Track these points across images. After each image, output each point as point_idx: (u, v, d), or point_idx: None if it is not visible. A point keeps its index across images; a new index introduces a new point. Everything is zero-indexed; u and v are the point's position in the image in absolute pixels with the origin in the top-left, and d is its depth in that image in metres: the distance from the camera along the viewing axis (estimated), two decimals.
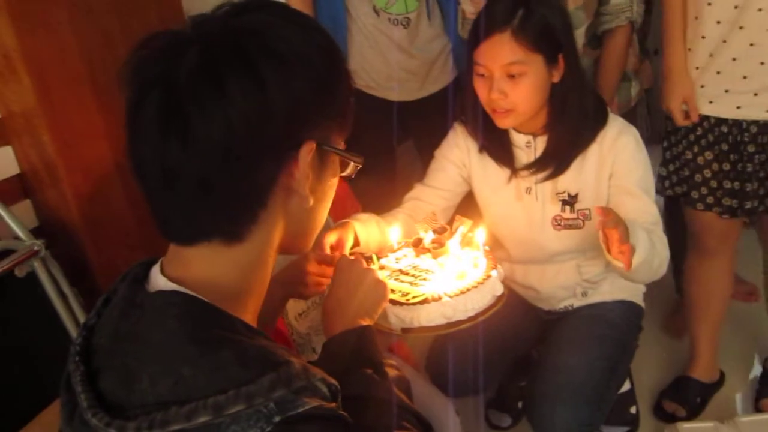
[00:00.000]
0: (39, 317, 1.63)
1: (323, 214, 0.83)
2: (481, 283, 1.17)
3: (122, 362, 0.69)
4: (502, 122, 1.49)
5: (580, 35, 1.80)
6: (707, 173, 1.76)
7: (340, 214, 1.62)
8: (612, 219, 1.24)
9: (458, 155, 1.65)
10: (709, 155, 1.74)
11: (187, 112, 0.66)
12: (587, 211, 1.57)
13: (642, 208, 1.50)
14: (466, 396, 1.71)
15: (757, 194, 1.72)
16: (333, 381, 0.71)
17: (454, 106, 1.64)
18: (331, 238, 1.26)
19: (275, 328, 1.45)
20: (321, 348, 0.99)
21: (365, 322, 1.00)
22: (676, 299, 2.33)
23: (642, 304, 1.75)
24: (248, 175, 0.69)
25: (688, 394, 1.98)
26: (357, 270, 1.07)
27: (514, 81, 1.42)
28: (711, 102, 1.69)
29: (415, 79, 1.96)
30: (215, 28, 0.70)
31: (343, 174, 0.82)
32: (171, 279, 0.73)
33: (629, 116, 1.98)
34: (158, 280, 0.74)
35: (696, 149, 1.76)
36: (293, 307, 1.47)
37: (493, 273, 1.20)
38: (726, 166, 1.73)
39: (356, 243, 1.35)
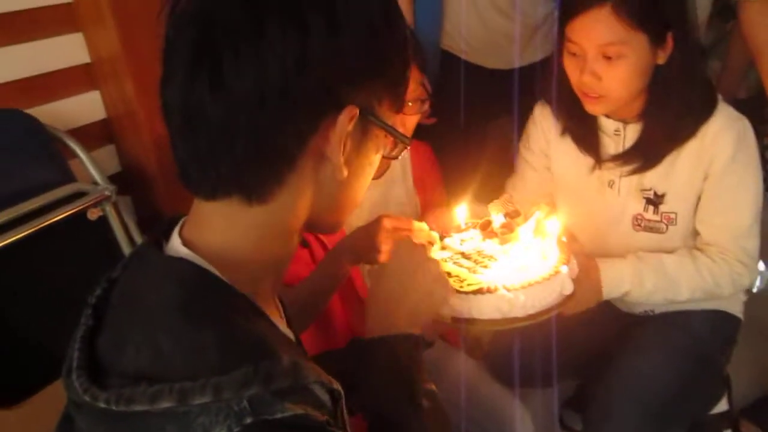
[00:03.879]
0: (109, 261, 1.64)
1: (359, 191, 0.73)
2: (548, 279, 1.04)
3: (118, 323, 0.64)
4: (592, 108, 1.31)
5: (706, 5, 1.57)
6: None
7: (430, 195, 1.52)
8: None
9: (536, 143, 1.50)
10: None
11: (219, 51, 0.59)
12: (673, 215, 1.38)
13: (724, 224, 1.34)
14: (527, 387, 1.57)
15: None
16: (336, 385, 0.61)
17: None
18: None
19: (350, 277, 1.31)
20: (348, 342, 0.89)
21: (414, 330, 0.84)
22: None
23: (740, 315, 1.53)
24: (277, 129, 0.61)
25: None
26: (417, 259, 0.89)
27: (609, 63, 1.23)
28: None
29: (513, 46, 1.80)
30: None
31: (388, 155, 0.72)
32: (185, 242, 0.66)
33: (759, 100, 1.74)
34: (174, 241, 0.68)
35: None
36: None
37: (563, 269, 1.06)
38: None
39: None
